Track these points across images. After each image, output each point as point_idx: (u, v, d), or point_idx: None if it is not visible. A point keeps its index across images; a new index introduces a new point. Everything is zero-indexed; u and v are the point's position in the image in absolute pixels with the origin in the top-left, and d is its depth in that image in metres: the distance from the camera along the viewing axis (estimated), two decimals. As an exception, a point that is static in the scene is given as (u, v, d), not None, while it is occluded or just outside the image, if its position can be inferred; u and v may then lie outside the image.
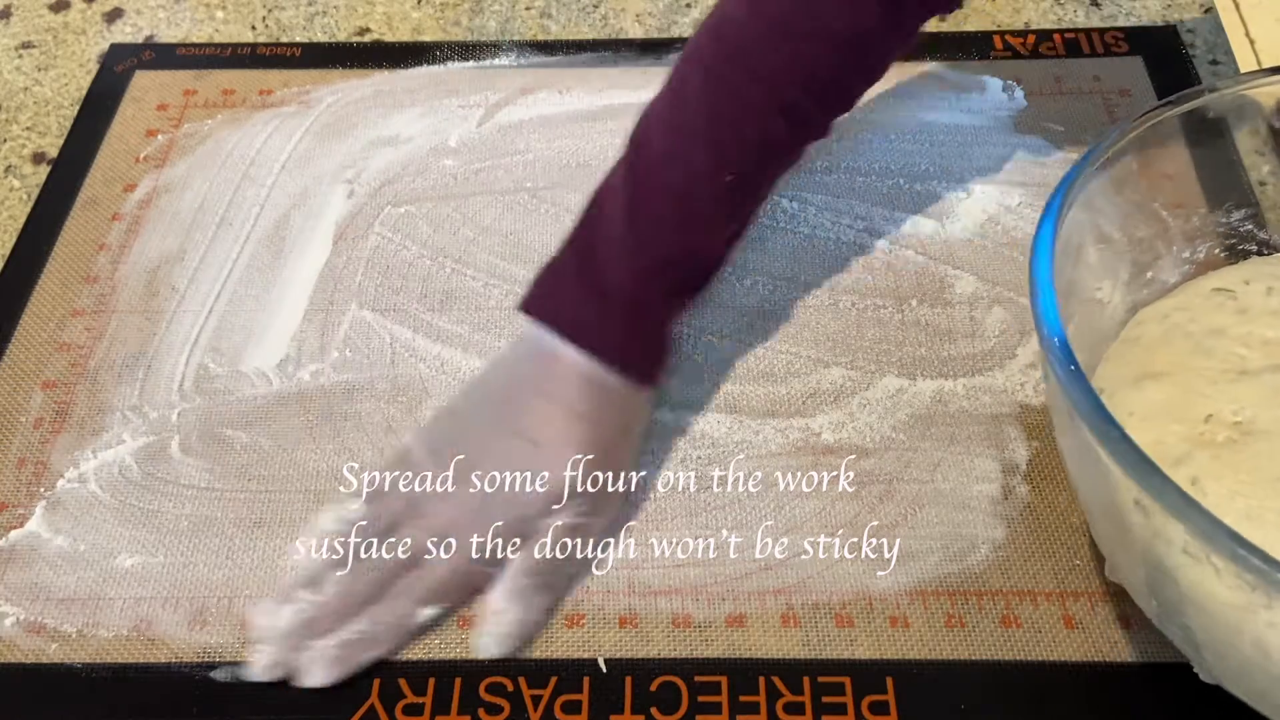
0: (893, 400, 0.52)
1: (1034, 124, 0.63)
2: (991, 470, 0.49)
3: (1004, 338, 0.54)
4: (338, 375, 0.53)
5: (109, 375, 0.53)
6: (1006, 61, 0.66)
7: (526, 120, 0.64)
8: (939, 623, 0.45)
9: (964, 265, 0.57)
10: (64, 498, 0.49)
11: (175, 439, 0.51)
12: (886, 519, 0.48)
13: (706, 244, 0.48)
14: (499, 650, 0.44)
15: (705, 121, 0.46)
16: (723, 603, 0.46)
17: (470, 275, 0.57)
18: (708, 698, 0.43)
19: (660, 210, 0.47)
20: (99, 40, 0.70)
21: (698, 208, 0.47)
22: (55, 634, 0.45)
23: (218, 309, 0.56)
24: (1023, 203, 0.59)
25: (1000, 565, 0.46)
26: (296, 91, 0.66)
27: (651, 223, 0.47)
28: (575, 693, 0.44)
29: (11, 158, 0.64)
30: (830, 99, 0.48)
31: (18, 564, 0.47)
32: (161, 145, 0.63)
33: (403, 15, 0.71)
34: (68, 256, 0.58)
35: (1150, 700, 0.43)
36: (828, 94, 0.48)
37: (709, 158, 0.46)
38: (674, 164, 0.47)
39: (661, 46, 0.67)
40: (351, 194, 0.61)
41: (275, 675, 0.43)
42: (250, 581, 0.47)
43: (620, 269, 0.46)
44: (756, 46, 0.46)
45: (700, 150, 0.46)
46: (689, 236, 0.47)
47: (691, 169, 0.46)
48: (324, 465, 0.50)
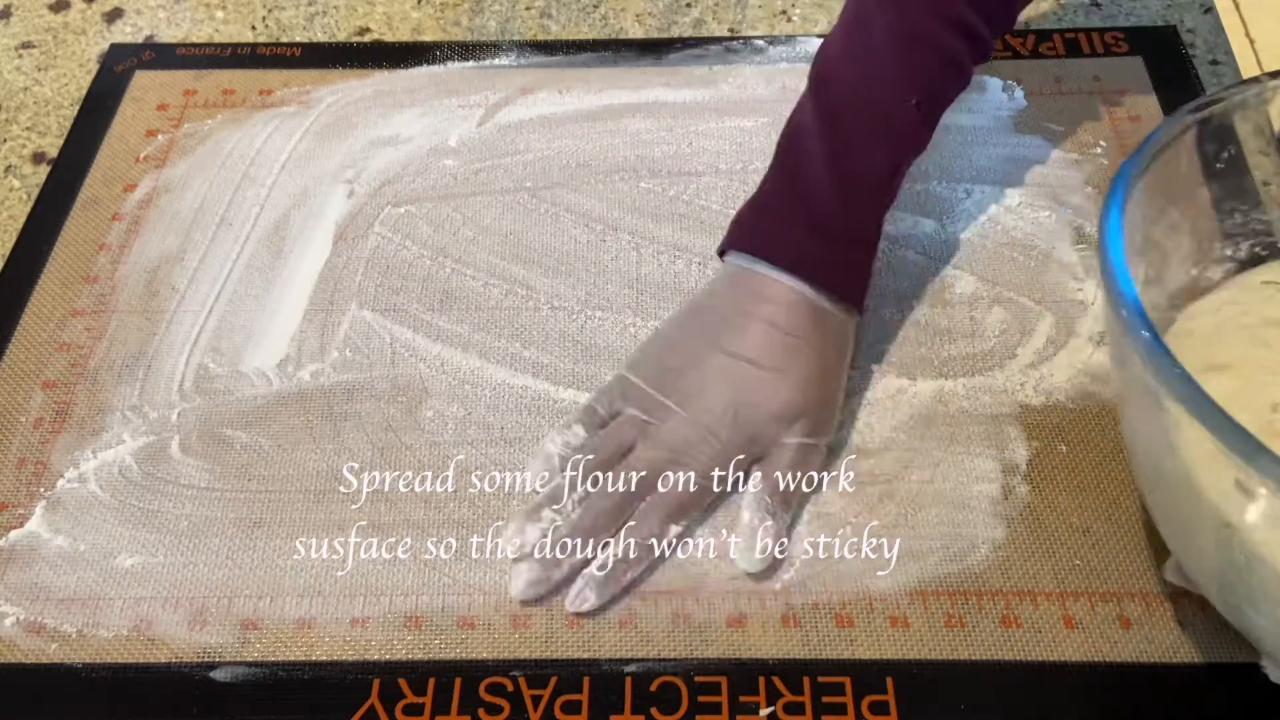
0: (893, 400, 0.52)
1: (1034, 124, 0.63)
2: (991, 470, 0.49)
3: (1004, 338, 0.54)
4: (338, 375, 0.53)
5: (109, 375, 0.53)
6: (1006, 61, 0.66)
7: (526, 120, 0.64)
8: (939, 623, 0.45)
9: (964, 265, 0.57)
10: (64, 498, 0.49)
11: (175, 439, 0.51)
12: (886, 519, 0.48)
13: (900, 167, 0.50)
14: (760, 565, 0.45)
15: (891, 47, 0.48)
16: (723, 603, 0.46)
17: (470, 275, 0.57)
18: (708, 698, 0.43)
19: (859, 138, 0.49)
20: (99, 40, 0.70)
21: (894, 130, 0.49)
22: (55, 634, 0.45)
23: (218, 309, 0.56)
24: (1023, 203, 0.59)
25: (1000, 565, 0.46)
26: (296, 91, 0.66)
27: (853, 151, 0.49)
28: (575, 693, 0.44)
29: (11, 158, 0.64)
30: (997, 15, 0.50)
31: (18, 564, 0.47)
32: (161, 145, 0.63)
33: (403, 15, 0.71)
34: (68, 256, 0.58)
35: (1149, 700, 0.43)
36: (994, 10, 0.50)
37: (899, 82, 0.48)
38: (867, 91, 0.49)
39: (661, 46, 0.67)
40: (351, 194, 0.61)
41: (537, 592, 0.45)
42: (250, 581, 0.47)
43: (827, 198, 0.48)
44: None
45: (888, 73, 0.48)
46: (889, 160, 0.49)
47: (884, 94, 0.48)
48: (324, 465, 0.50)
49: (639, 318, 0.55)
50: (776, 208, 0.50)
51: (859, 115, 0.49)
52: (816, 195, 0.49)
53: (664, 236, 0.58)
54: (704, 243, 0.58)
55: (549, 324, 0.55)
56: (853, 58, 0.49)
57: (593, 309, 0.55)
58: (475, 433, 0.51)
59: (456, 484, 0.49)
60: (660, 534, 0.46)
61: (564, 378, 0.53)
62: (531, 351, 0.54)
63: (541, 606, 0.46)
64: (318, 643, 0.45)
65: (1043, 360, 0.53)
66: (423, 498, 0.49)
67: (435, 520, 0.48)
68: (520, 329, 0.55)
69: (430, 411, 0.52)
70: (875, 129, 0.49)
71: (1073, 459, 0.49)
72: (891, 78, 0.48)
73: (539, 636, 0.45)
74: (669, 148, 0.62)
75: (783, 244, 0.49)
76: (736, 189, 0.60)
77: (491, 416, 0.52)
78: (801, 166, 0.50)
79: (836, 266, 0.49)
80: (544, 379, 0.53)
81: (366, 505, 0.49)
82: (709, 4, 0.71)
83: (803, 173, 0.49)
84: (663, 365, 0.49)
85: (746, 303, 0.49)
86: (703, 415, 0.47)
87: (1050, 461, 0.49)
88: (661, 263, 0.57)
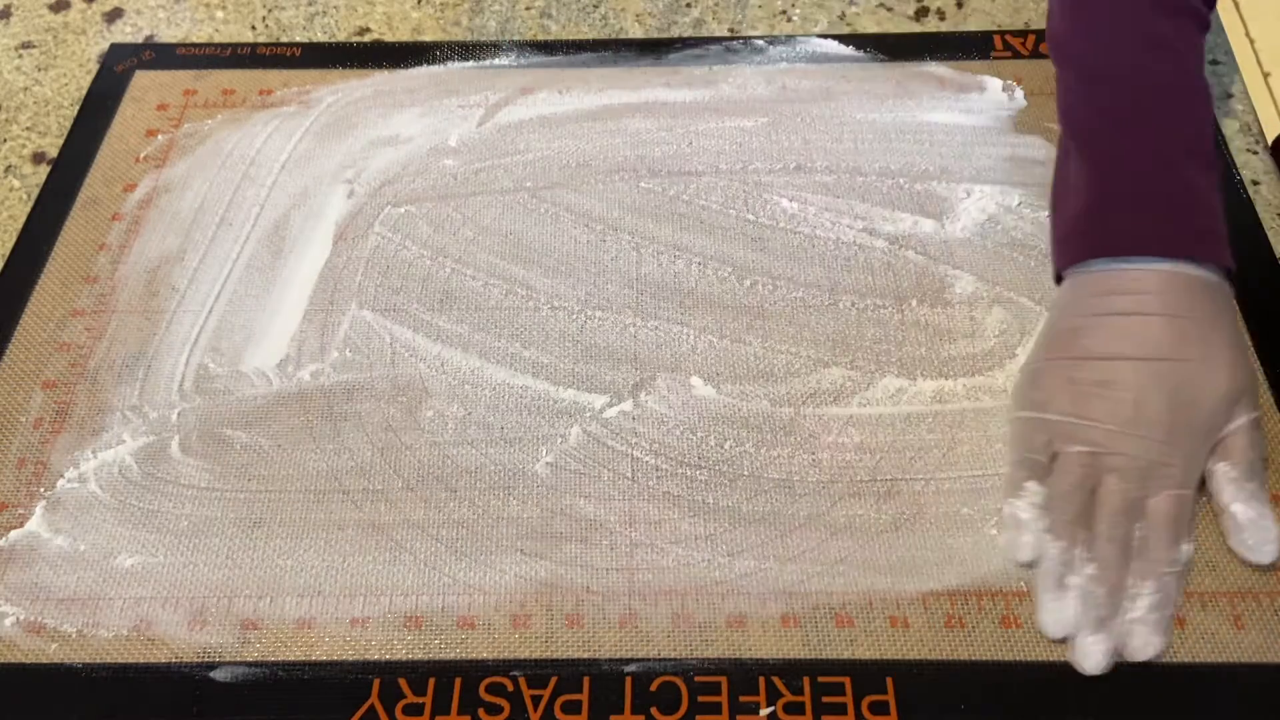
0: (893, 400, 0.52)
1: (1034, 124, 0.63)
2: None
3: (1004, 338, 0.54)
4: (338, 375, 0.53)
5: (109, 375, 0.53)
6: (1006, 61, 0.66)
7: (526, 120, 0.64)
8: (939, 623, 0.45)
9: (964, 265, 0.57)
10: (64, 498, 0.49)
11: (175, 439, 0.51)
12: (888, 519, 0.48)
13: (1205, 123, 0.50)
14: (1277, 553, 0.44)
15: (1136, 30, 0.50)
16: (723, 603, 0.46)
17: (470, 275, 0.57)
18: (708, 698, 0.43)
19: (1164, 102, 0.49)
20: (99, 40, 0.70)
21: (1177, 94, 0.50)
22: (55, 634, 0.45)
23: (218, 309, 0.56)
24: (1023, 203, 0.59)
25: (1000, 565, 0.46)
26: (296, 91, 0.66)
27: (1161, 131, 0.49)
28: (575, 693, 0.44)
29: (11, 158, 0.64)
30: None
31: (18, 564, 0.47)
32: (161, 145, 0.63)
33: (403, 15, 0.71)
34: (68, 256, 0.58)
35: (1147, 700, 0.43)
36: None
37: (1150, 52, 0.50)
38: (1159, 58, 0.50)
39: (661, 46, 0.67)
40: (351, 194, 0.61)
41: (1111, 661, 0.43)
42: (250, 581, 0.47)
43: (1170, 176, 0.48)
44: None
45: (1141, 46, 0.50)
46: (1192, 121, 0.49)
47: (1148, 63, 0.50)
48: (324, 465, 0.50)
49: (639, 318, 0.55)
50: (1127, 205, 0.48)
51: (1136, 93, 0.49)
52: (1162, 178, 0.48)
53: (664, 236, 0.58)
54: (704, 243, 0.58)
55: (549, 324, 0.55)
56: (1096, 50, 0.51)
57: (593, 309, 0.55)
58: (475, 433, 0.51)
59: (457, 484, 0.49)
60: (1176, 557, 0.44)
61: (564, 378, 0.53)
62: (531, 351, 0.54)
63: (540, 606, 0.46)
64: (318, 643, 0.45)
65: (1043, 360, 0.53)
66: (423, 498, 0.49)
67: (435, 520, 0.48)
68: (520, 329, 0.55)
69: (430, 411, 0.52)
70: (1175, 94, 0.49)
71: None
72: (1147, 48, 0.50)
73: (539, 636, 0.45)
74: (669, 148, 0.62)
75: (1154, 235, 0.47)
76: (736, 189, 0.60)
77: (491, 416, 0.52)
78: (1122, 165, 0.49)
79: (1209, 234, 0.47)
80: (544, 379, 0.53)
81: (366, 505, 0.49)
82: (709, 4, 0.71)
83: (1127, 169, 0.49)
84: (1075, 390, 0.47)
85: (1127, 304, 0.47)
86: (1151, 430, 0.45)
87: (1050, 461, 0.49)
88: (661, 263, 0.57)
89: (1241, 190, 0.58)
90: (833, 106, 0.64)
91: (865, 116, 0.63)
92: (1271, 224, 0.58)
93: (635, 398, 0.52)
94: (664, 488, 0.49)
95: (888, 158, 0.61)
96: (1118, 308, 0.47)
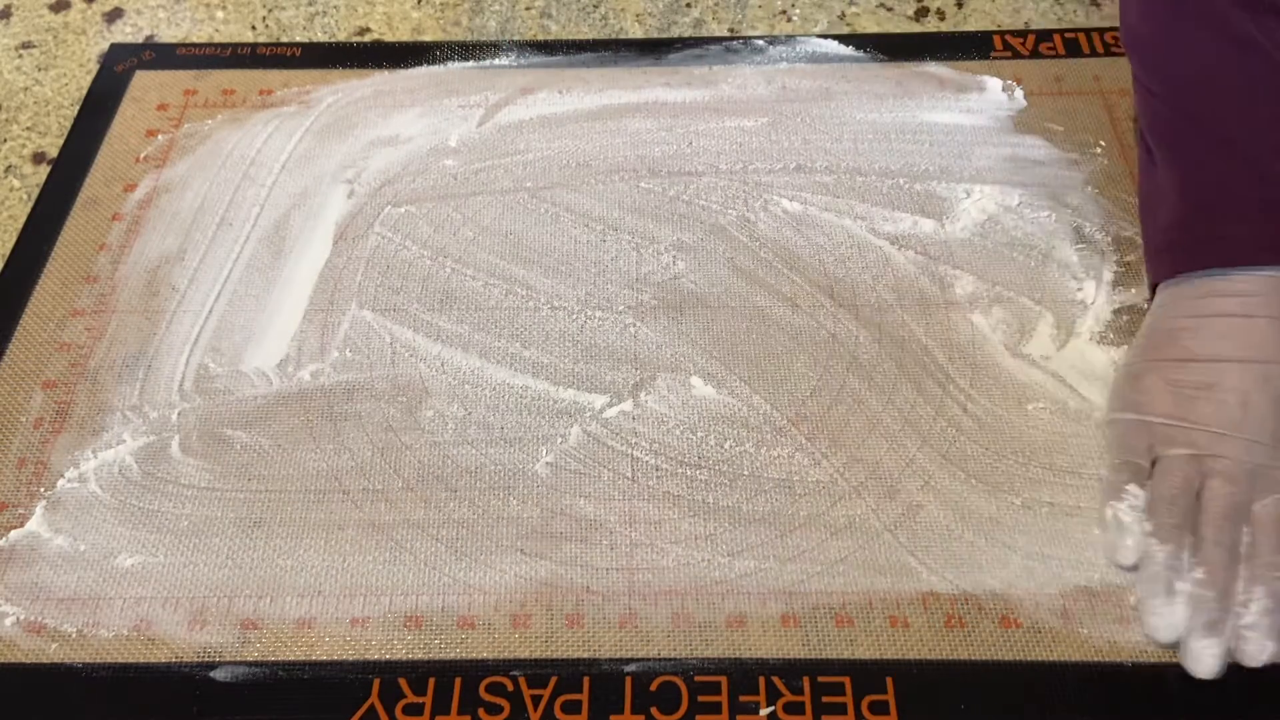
0: (892, 400, 0.52)
1: (1034, 124, 0.63)
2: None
3: (1004, 338, 0.54)
4: (338, 375, 0.53)
5: (109, 375, 0.53)
6: (1006, 61, 0.66)
7: (526, 120, 0.64)
8: (939, 623, 0.45)
9: (964, 265, 0.57)
10: (64, 498, 0.49)
11: (175, 439, 0.51)
12: (887, 519, 0.48)
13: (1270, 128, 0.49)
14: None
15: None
16: (723, 602, 0.46)
17: (470, 275, 0.57)
18: (708, 698, 0.43)
19: (1252, 102, 0.48)
20: (99, 40, 0.70)
21: (1275, 83, 0.49)
22: (55, 634, 0.45)
23: (218, 309, 0.56)
24: (1023, 203, 0.59)
25: (1001, 565, 0.46)
26: (296, 91, 0.66)
27: (1257, 116, 0.48)
28: (575, 693, 0.44)
29: (11, 158, 0.64)
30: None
31: (18, 564, 0.47)
32: (161, 145, 0.63)
33: (403, 15, 0.71)
34: (68, 256, 0.58)
35: (1144, 699, 0.43)
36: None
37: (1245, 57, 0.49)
38: (1245, 58, 0.49)
39: (661, 46, 0.67)
40: (351, 194, 0.61)
41: (1224, 664, 0.42)
42: (250, 581, 0.47)
43: (1263, 180, 0.47)
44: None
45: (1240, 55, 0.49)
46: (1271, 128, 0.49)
47: (1239, 69, 0.49)
48: (324, 465, 0.50)
49: (639, 318, 0.55)
50: (1227, 212, 0.48)
51: (1228, 96, 0.49)
52: (1239, 186, 0.47)
53: (664, 236, 0.58)
54: (704, 243, 0.58)
55: (549, 324, 0.55)
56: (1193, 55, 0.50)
57: (593, 309, 0.55)
58: (475, 433, 0.51)
59: (457, 484, 0.49)
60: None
61: (564, 378, 0.53)
62: (531, 351, 0.54)
63: (540, 605, 0.46)
64: (318, 643, 0.45)
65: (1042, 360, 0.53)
66: (423, 498, 0.49)
67: (435, 520, 0.48)
68: (520, 329, 0.55)
69: (430, 411, 0.52)
70: (1257, 102, 0.48)
71: (1073, 459, 0.49)
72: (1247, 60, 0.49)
73: (539, 636, 0.45)
74: (669, 148, 0.62)
75: (1256, 241, 0.47)
76: (736, 189, 0.60)
77: (491, 416, 0.52)
78: (1208, 170, 0.48)
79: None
80: (544, 379, 0.53)
81: (366, 505, 0.49)
82: (709, 4, 0.71)
83: (1212, 170, 0.48)
84: (1177, 393, 0.46)
85: (1231, 306, 0.46)
86: (1256, 433, 0.45)
87: (1050, 461, 0.49)
88: (662, 263, 0.57)
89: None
90: (833, 106, 0.64)
91: (865, 116, 0.63)
92: (1271, 224, 0.58)
93: (635, 398, 0.52)
94: (664, 488, 0.49)
95: (888, 158, 0.61)
96: (1221, 309, 0.46)
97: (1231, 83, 0.50)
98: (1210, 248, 0.48)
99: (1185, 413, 0.46)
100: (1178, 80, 0.51)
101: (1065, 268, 0.56)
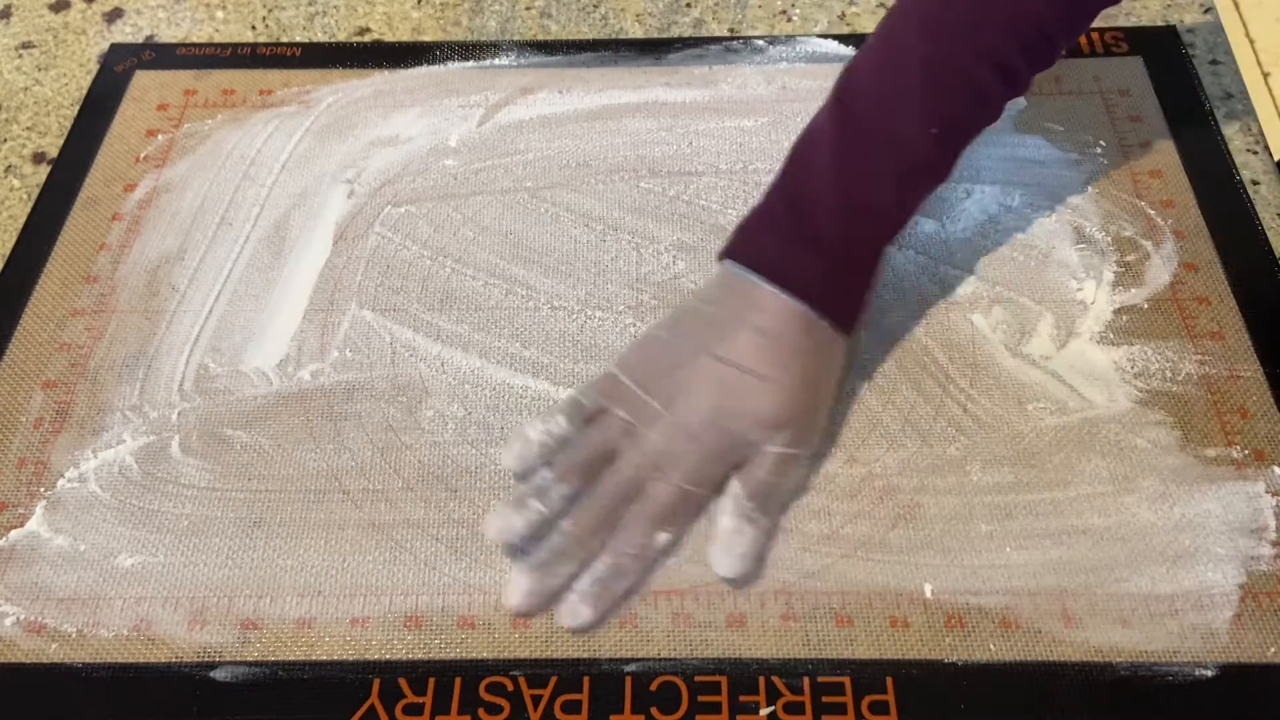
0: (892, 400, 0.52)
1: (1034, 124, 0.63)
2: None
3: (1004, 338, 0.54)
4: (338, 375, 0.53)
5: (109, 375, 0.53)
6: (1006, 61, 0.66)
7: (526, 120, 0.64)
8: (939, 623, 0.45)
9: (964, 265, 0.57)
10: (64, 498, 0.49)
11: (175, 439, 0.51)
12: (887, 519, 0.48)
13: (910, 197, 0.49)
14: (740, 569, 0.46)
15: (920, 72, 0.46)
16: (723, 602, 0.46)
17: (470, 275, 0.57)
18: (708, 698, 0.43)
19: (870, 161, 0.47)
20: (99, 40, 0.70)
21: (906, 158, 0.47)
22: (55, 634, 0.45)
23: (218, 309, 0.56)
24: (1023, 203, 0.59)
25: (1001, 564, 0.46)
26: (296, 91, 0.66)
27: (861, 175, 0.47)
28: (575, 693, 0.44)
29: (11, 158, 0.64)
30: (1038, 54, 0.48)
31: (18, 564, 0.47)
32: (161, 145, 0.63)
33: (403, 15, 0.71)
34: (68, 256, 0.58)
35: (1144, 700, 0.43)
36: (1037, 50, 0.47)
37: (921, 108, 0.47)
38: (885, 114, 0.47)
39: (661, 46, 0.67)
40: (351, 194, 0.61)
41: (532, 604, 0.45)
42: (250, 581, 0.47)
43: (829, 218, 0.47)
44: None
45: (914, 100, 0.47)
46: (899, 188, 0.48)
47: (903, 119, 0.47)
48: (324, 465, 0.50)
49: (639, 318, 0.55)
50: (780, 222, 0.48)
51: (874, 138, 0.47)
52: (819, 213, 0.47)
53: (664, 236, 0.58)
54: (704, 242, 0.58)
55: (549, 324, 0.55)
56: (879, 77, 0.48)
57: (593, 309, 0.55)
58: (475, 433, 0.51)
59: (457, 484, 0.49)
60: (648, 542, 0.46)
61: (564, 378, 0.53)
62: (531, 351, 0.54)
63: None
64: (318, 642, 0.45)
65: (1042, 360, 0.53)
66: (423, 498, 0.49)
67: (435, 520, 0.48)
68: (520, 329, 0.55)
69: (430, 411, 0.52)
70: (889, 154, 0.47)
71: (1073, 459, 0.49)
72: (915, 105, 0.46)
73: (539, 636, 0.45)
74: (669, 148, 0.62)
75: (779, 260, 0.47)
76: (736, 189, 0.60)
77: (491, 416, 0.52)
78: (808, 182, 0.48)
79: (831, 287, 0.47)
80: (544, 379, 0.53)
81: (366, 505, 0.49)
82: (709, 4, 0.71)
83: (809, 189, 0.48)
84: (651, 365, 0.48)
85: (739, 309, 0.48)
86: (687, 418, 0.47)
87: (1050, 461, 0.49)
88: (662, 263, 0.57)
89: (1241, 190, 0.58)
90: (833, 106, 0.64)
91: (865, 116, 0.63)
92: (1272, 224, 0.58)
93: (635, 398, 0.52)
94: (664, 488, 0.49)
95: (888, 158, 0.61)
96: (751, 322, 0.47)
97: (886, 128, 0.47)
98: (753, 251, 0.48)
99: (646, 384, 0.48)
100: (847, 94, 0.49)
101: (1065, 268, 0.56)
